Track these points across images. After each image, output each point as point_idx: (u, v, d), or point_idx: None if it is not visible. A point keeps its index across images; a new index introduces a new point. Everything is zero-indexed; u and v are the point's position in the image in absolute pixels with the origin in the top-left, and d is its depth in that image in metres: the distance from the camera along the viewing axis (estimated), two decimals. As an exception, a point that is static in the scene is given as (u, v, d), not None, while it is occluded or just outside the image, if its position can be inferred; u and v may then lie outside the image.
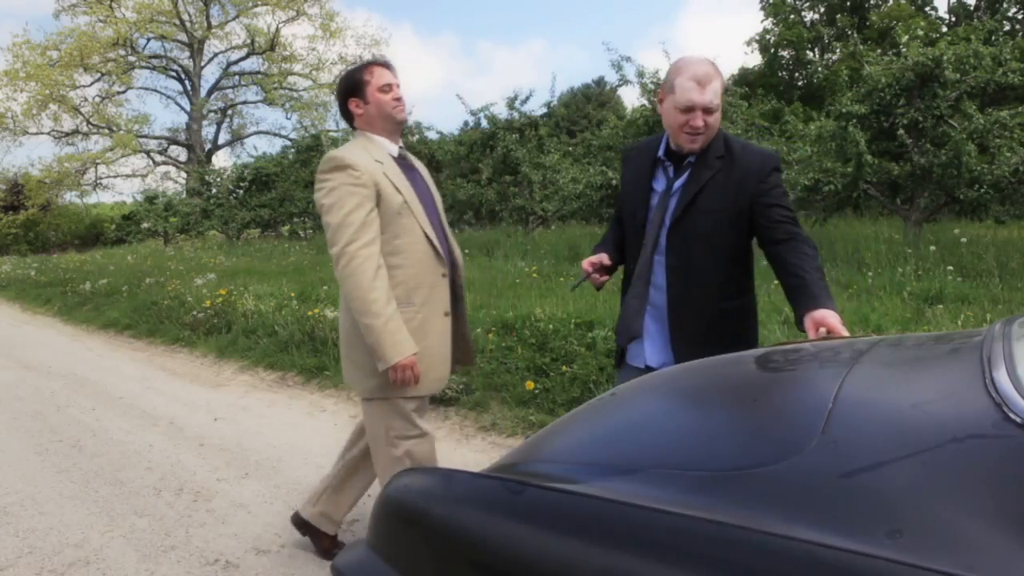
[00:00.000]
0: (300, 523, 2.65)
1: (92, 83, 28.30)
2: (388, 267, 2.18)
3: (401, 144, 2.38)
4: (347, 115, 2.33)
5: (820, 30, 27.74)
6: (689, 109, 1.89)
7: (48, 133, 28.05)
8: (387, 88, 2.26)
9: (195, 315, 7.39)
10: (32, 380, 5.79)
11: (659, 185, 2.05)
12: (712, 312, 1.98)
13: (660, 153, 2.06)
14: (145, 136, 29.31)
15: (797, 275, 1.81)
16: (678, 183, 2.01)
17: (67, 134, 28.18)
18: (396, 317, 2.13)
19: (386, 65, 2.32)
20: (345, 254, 2.09)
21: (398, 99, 2.29)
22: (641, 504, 0.84)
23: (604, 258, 2.11)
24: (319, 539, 2.63)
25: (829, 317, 1.66)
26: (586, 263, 2.12)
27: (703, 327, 1.98)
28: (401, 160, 2.34)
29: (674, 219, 1.97)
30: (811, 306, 1.72)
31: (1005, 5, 24.82)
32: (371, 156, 2.22)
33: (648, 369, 2.06)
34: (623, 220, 2.19)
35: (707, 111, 1.89)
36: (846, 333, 1.63)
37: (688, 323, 1.99)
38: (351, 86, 2.29)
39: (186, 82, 30.44)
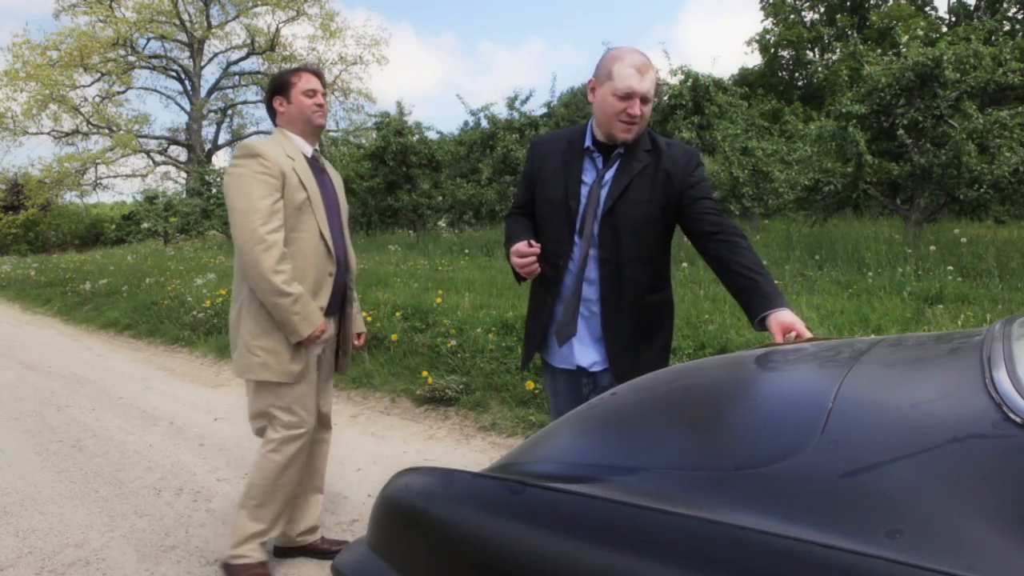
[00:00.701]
0: (283, 552, 2.63)
1: (92, 83, 28.31)
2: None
3: (316, 148, 2.51)
4: (271, 112, 2.47)
5: (820, 30, 27.77)
6: (628, 96, 1.86)
7: (48, 133, 28.06)
8: (311, 93, 2.41)
9: (195, 315, 7.40)
10: (32, 380, 5.79)
11: (588, 176, 1.99)
12: (640, 305, 1.98)
13: (588, 143, 2.00)
14: (145, 136, 29.32)
15: (744, 274, 1.82)
16: (608, 174, 1.97)
17: (67, 134, 28.18)
18: (304, 295, 2.28)
19: (316, 73, 2.48)
20: (253, 236, 2.20)
21: (320, 105, 2.43)
22: (641, 504, 0.84)
23: (537, 247, 1.97)
24: (311, 551, 2.63)
25: (797, 323, 1.67)
26: (527, 249, 1.94)
27: (632, 321, 1.98)
28: (313, 161, 2.46)
29: (606, 210, 1.94)
30: (768, 307, 1.73)
31: (1005, 5, 24.82)
32: (283, 151, 2.35)
33: (579, 370, 2.02)
34: (540, 211, 2.07)
35: (644, 100, 1.89)
36: (811, 335, 1.66)
37: (619, 317, 1.98)
38: (278, 85, 2.44)
39: (186, 82, 30.45)
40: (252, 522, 2.40)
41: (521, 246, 1.95)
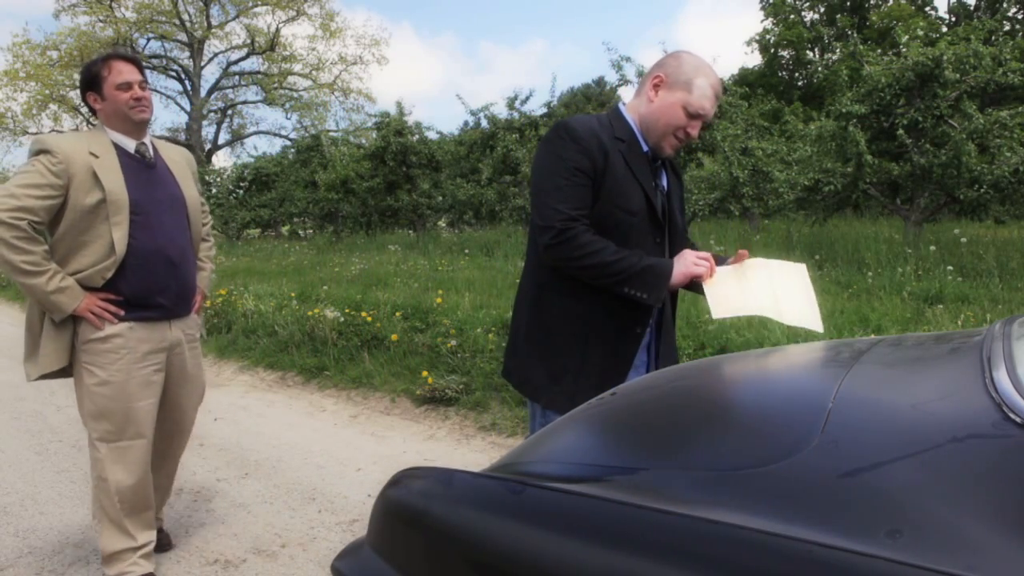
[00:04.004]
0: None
1: (92, 83, 28.30)
2: (66, 262, 2.18)
3: (146, 141, 2.32)
4: (90, 108, 2.28)
5: (820, 30, 27.77)
6: (697, 116, 1.73)
7: (48, 133, 28.07)
8: (125, 86, 2.20)
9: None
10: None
11: (653, 183, 1.83)
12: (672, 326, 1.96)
13: (646, 148, 1.80)
14: (145, 136, 29.29)
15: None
16: (664, 185, 1.86)
17: (67, 134, 28.19)
18: (58, 272, 2.13)
19: (129, 60, 2.25)
20: None
21: (138, 99, 2.22)
22: (641, 504, 0.84)
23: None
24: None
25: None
26: (708, 255, 1.77)
27: (671, 340, 1.92)
28: (136, 157, 2.28)
29: (677, 226, 1.85)
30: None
31: (1005, 5, 24.83)
32: (87, 147, 2.17)
33: None
34: (614, 220, 1.74)
35: (705, 124, 1.77)
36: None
37: (664, 339, 1.89)
38: (88, 80, 2.23)
39: (186, 82, 30.45)
40: (105, 539, 2.33)
41: (702, 253, 1.76)
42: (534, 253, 1.82)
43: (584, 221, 1.69)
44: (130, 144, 2.28)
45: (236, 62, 31.06)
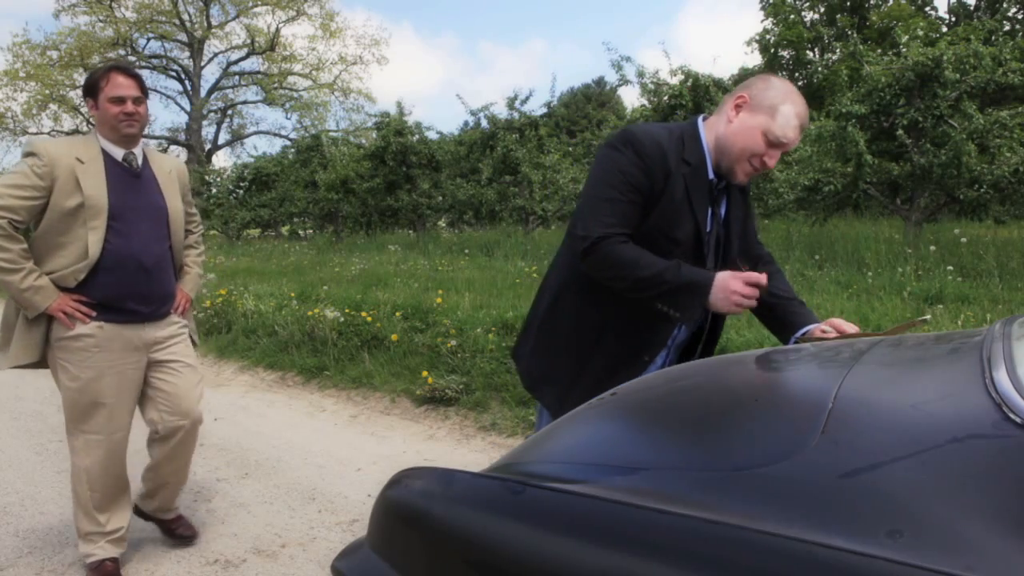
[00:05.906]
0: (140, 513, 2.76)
1: (92, 83, 28.33)
2: (43, 261, 2.27)
3: (135, 151, 2.39)
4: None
5: (820, 30, 27.74)
6: (777, 145, 1.63)
7: (48, 133, 28.08)
8: (118, 100, 2.27)
9: (195, 315, 7.39)
10: (32, 380, 5.78)
11: (710, 211, 1.74)
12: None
13: (712, 175, 1.71)
14: (145, 136, 29.16)
15: (785, 296, 1.81)
16: (722, 211, 1.77)
17: (67, 134, 28.20)
18: (33, 271, 2.22)
19: (128, 73, 2.31)
20: None
21: (128, 114, 2.29)
22: (641, 504, 0.84)
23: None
24: (162, 526, 2.78)
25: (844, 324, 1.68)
26: (757, 277, 1.63)
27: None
28: (123, 165, 2.35)
29: (725, 254, 1.77)
30: (811, 320, 1.75)
31: (1005, 5, 24.82)
32: (75, 152, 2.25)
33: None
34: (655, 246, 1.67)
35: (785, 153, 1.68)
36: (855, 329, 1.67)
37: (689, 359, 1.85)
38: (88, 86, 2.32)
39: (186, 82, 30.45)
40: (77, 519, 2.48)
41: (753, 275, 1.62)
42: (567, 251, 1.80)
43: (622, 236, 1.65)
44: (118, 152, 2.35)
45: (236, 62, 31.08)
